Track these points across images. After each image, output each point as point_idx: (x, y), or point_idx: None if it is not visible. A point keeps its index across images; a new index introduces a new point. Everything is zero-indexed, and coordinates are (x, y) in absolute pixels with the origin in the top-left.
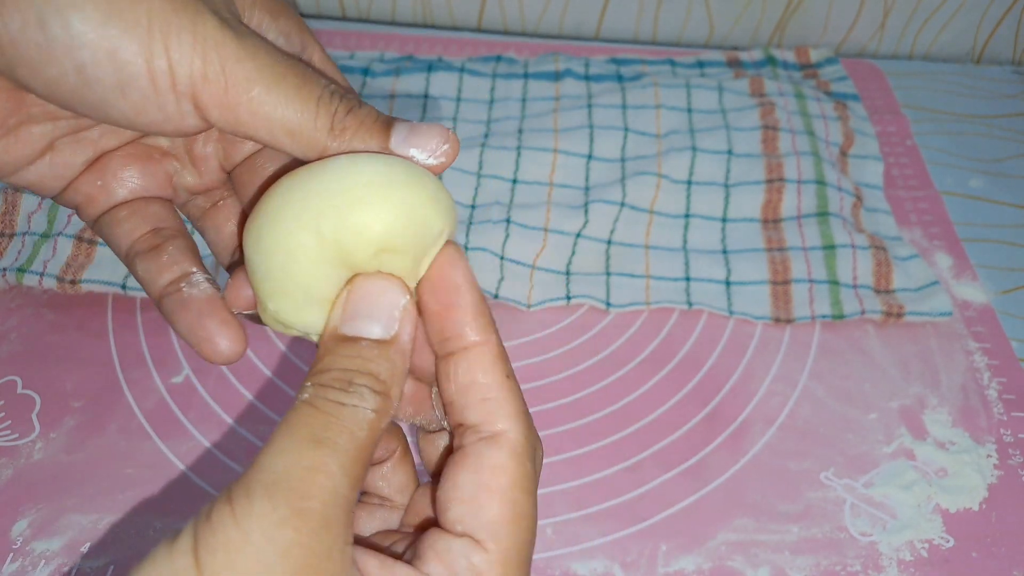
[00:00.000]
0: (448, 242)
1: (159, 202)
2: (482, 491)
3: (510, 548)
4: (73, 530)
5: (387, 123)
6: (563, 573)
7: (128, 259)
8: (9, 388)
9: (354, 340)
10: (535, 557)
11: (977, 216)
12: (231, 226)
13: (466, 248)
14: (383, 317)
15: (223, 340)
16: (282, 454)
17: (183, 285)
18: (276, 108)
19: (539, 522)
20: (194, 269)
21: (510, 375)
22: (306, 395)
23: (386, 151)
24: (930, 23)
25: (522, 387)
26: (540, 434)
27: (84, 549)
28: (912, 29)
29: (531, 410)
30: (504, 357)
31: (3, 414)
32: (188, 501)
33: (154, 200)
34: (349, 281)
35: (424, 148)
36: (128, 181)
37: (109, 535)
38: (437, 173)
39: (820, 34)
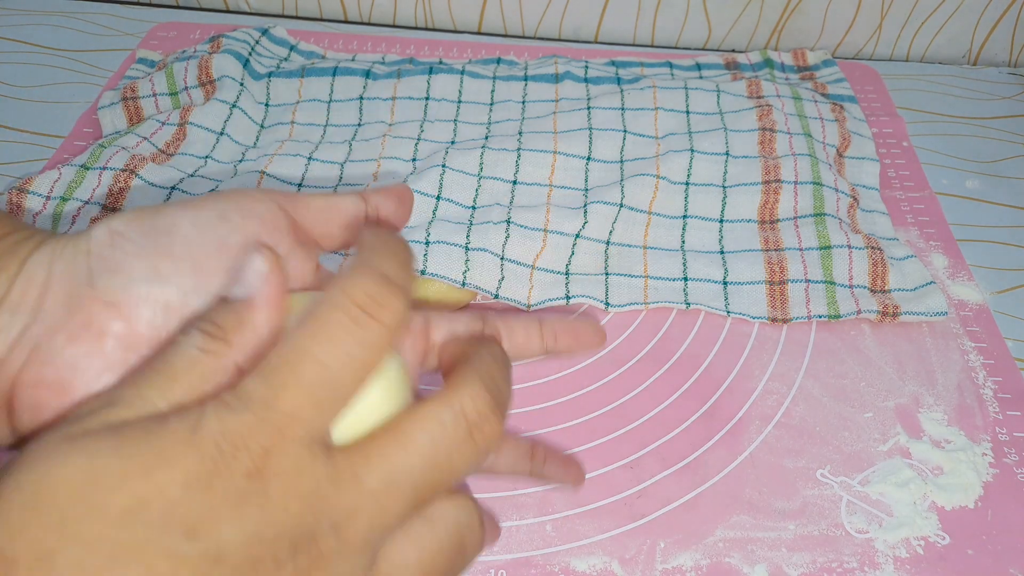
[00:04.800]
0: None
1: None
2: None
3: None
4: None
5: None
6: (562, 569)
7: None
8: None
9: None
10: (534, 553)
11: (973, 217)
12: None
13: (467, 249)
14: (246, 283)
15: None
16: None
17: None
18: None
19: (538, 519)
20: None
21: None
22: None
23: None
24: (926, 26)
25: (522, 386)
26: (540, 432)
27: None
28: (908, 31)
29: (531, 408)
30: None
31: None
32: None
33: None
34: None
35: None
36: None
37: None
38: None
39: (817, 37)
